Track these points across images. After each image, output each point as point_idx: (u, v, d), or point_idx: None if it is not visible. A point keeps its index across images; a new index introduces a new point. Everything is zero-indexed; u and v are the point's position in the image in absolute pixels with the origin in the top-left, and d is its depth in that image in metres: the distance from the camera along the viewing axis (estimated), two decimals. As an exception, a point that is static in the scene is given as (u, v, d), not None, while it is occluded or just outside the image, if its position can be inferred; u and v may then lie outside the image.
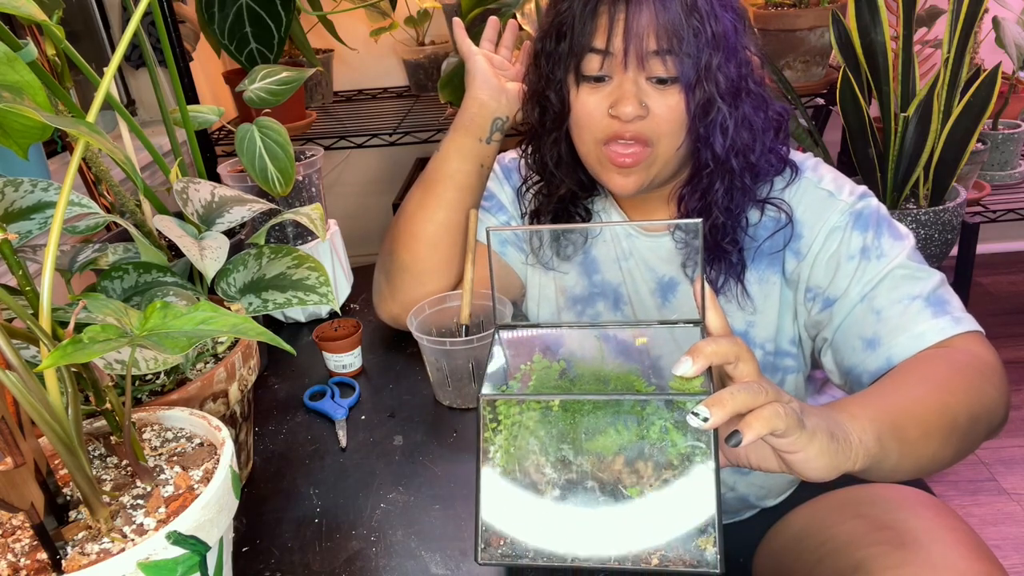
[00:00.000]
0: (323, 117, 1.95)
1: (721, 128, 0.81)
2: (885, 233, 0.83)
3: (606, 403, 0.55)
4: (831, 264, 0.84)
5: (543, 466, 0.55)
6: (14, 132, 0.52)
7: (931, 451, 0.66)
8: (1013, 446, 1.89)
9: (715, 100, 0.80)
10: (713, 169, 0.83)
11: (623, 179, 0.84)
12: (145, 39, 0.91)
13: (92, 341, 0.46)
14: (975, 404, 0.70)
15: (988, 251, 2.60)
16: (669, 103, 0.80)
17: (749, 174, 0.84)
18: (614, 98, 0.81)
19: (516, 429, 0.56)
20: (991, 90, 1.56)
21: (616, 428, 0.55)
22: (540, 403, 0.56)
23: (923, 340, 0.77)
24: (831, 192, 0.86)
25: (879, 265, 0.81)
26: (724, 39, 0.79)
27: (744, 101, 0.82)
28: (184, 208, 0.82)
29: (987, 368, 0.74)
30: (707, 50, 0.78)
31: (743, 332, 0.90)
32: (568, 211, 0.95)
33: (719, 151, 0.81)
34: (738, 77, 0.81)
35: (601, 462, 0.55)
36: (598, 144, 0.84)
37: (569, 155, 0.91)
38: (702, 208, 0.85)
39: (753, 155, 0.83)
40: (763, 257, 0.88)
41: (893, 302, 0.80)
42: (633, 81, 0.80)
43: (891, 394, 0.69)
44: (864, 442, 0.60)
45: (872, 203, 0.85)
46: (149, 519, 0.52)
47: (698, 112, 0.80)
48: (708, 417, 0.52)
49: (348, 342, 1.05)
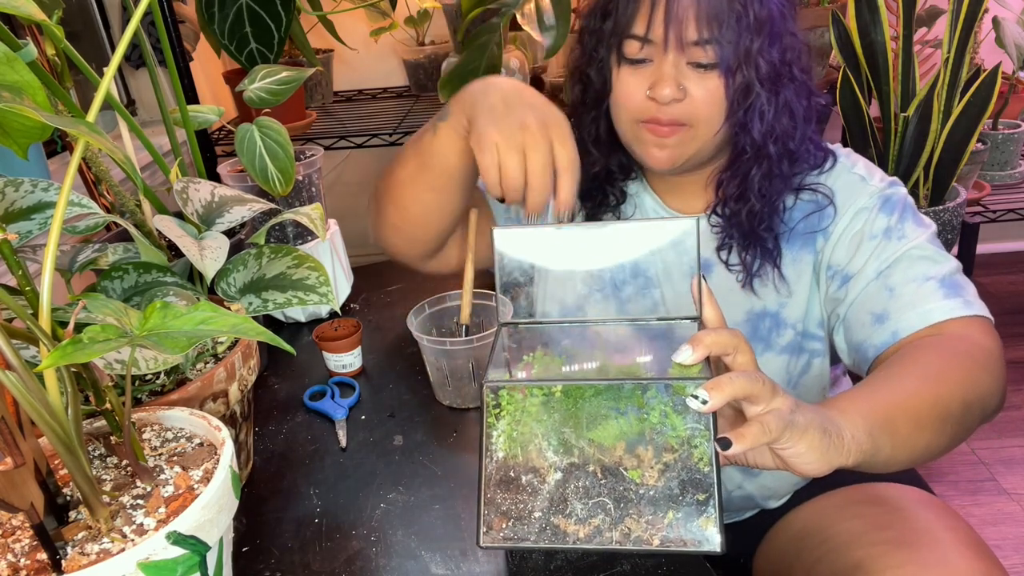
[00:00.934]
0: (323, 117, 1.95)
1: (760, 113, 0.80)
2: (910, 219, 0.84)
3: (607, 388, 0.57)
4: (853, 242, 0.84)
5: (545, 450, 0.57)
6: (14, 132, 0.52)
7: (924, 442, 0.66)
8: (1013, 446, 1.89)
9: (754, 85, 0.79)
10: (751, 155, 0.83)
11: (659, 151, 0.84)
12: (145, 39, 0.91)
13: (92, 341, 0.46)
14: (969, 392, 0.70)
15: (988, 251, 2.60)
16: (708, 87, 0.80)
17: (788, 161, 0.84)
18: (653, 80, 0.80)
19: (519, 415, 0.57)
20: (991, 90, 1.56)
21: (617, 413, 0.56)
22: (543, 389, 0.57)
23: (930, 317, 0.77)
24: (863, 176, 0.87)
25: (899, 245, 0.82)
26: (768, 23, 0.78)
27: (786, 87, 0.82)
28: (184, 208, 0.82)
29: (983, 355, 0.74)
30: (748, 34, 0.77)
31: (775, 312, 0.90)
32: (604, 191, 0.94)
33: (756, 136, 0.81)
34: (781, 63, 0.80)
35: (602, 446, 0.56)
36: (635, 124, 0.84)
37: (607, 134, 0.90)
38: (739, 194, 0.85)
39: (792, 142, 0.83)
40: (797, 238, 0.88)
41: (908, 280, 0.80)
42: (673, 64, 0.79)
43: (882, 388, 0.69)
44: (856, 438, 0.60)
45: (901, 191, 0.86)
46: (149, 519, 0.52)
47: (737, 97, 0.80)
48: (707, 400, 0.53)
49: (348, 342, 1.05)
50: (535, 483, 0.56)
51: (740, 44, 0.78)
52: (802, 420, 0.57)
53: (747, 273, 0.88)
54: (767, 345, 0.91)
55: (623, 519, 0.54)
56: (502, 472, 0.57)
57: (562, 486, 0.56)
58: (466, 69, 1.44)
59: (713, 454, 0.54)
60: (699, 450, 0.55)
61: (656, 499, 0.54)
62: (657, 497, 0.54)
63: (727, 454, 0.54)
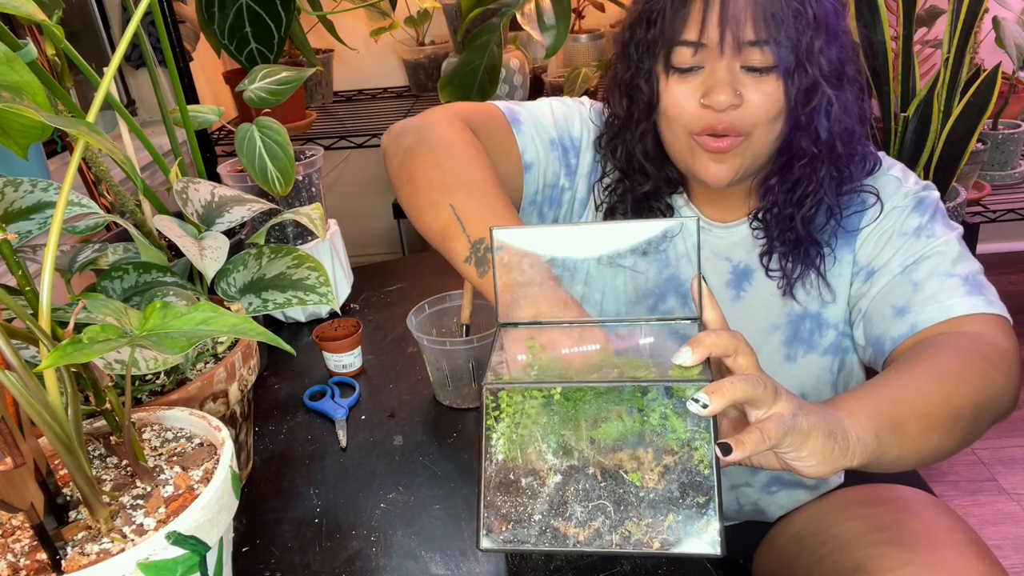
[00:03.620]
0: (323, 117, 1.95)
1: (826, 112, 0.78)
2: (940, 221, 0.83)
3: (607, 390, 0.56)
4: (882, 239, 0.84)
5: (545, 453, 0.57)
6: (14, 132, 0.52)
7: (933, 444, 0.66)
8: (1013, 446, 1.89)
9: (819, 84, 0.76)
10: (816, 155, 0.80)
11: (717, 166, 0.80)
12: (145, 39, 0.91)
13: (92, 341, 0.46)
14: (980, 393, 0.69)
15: (988, 251, 2.60)
16: (766, 90, 0.76)
17: (851, 162, 0.82)
18: (707, 87, 0.77)
19: (518, 417, 0.57)
20: (991, 90, 1.56)
21: (617, 415, 0.56)
22: (542, 391, 0.57)
23: (951, 311, 0.76)
24: (899, 178, 0.86)
25: (927, 243, 0.81)
26: (825, 21, 0.76)
27: (847, 87, 0.79)
28: (184, 208, 0.82)
29: (997, 354, 0.73)
30: (808, 32, 0.74)
31: (816, 313, 0.88)
32: (651, 207, 0.90)
33: (824, 135, 0.78)
34: (839, 61, 0.78)
35: (602, 448, 0.56)
36: (689, 135, 0.80)
37: (656, 149, 0.86)
38: (795, 199, 0.83)
39: (854, 142, 0.81)
40: (839, 236, 0.86)
41: (932, 275, 0.79)
42: (727, 69, 0.76)
43: (892, 387, 0.68)
44: (862, 440, 0.60)
45: (934, 194, 0.85)
46: (149, 519, 0.52)
47: (799, 98, 0.77)
48: (708, 404, 0.53)
49: (348, 342, 1.05)
50: (535, 486, 0.56)
51: (801, 43, 0.74)
52: (805, 425, 0.56)
53: (788, 280, 0.86)
54: (809, 347, 0.89)
55: (623, 522, 0.54)
56: (502, 475, 0.57)
57: (562, 489, 0.56)
58: (466, 69, 1.44)
59: (713, 457, 0.54)
60: (699, 452, 0.55)
61: (656, 502, 0.54)
62: (657, 500, 0.54)
63: (727, 460, 0.54)
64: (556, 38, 1.44)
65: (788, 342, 0.89)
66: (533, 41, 1.86)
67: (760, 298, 0.89)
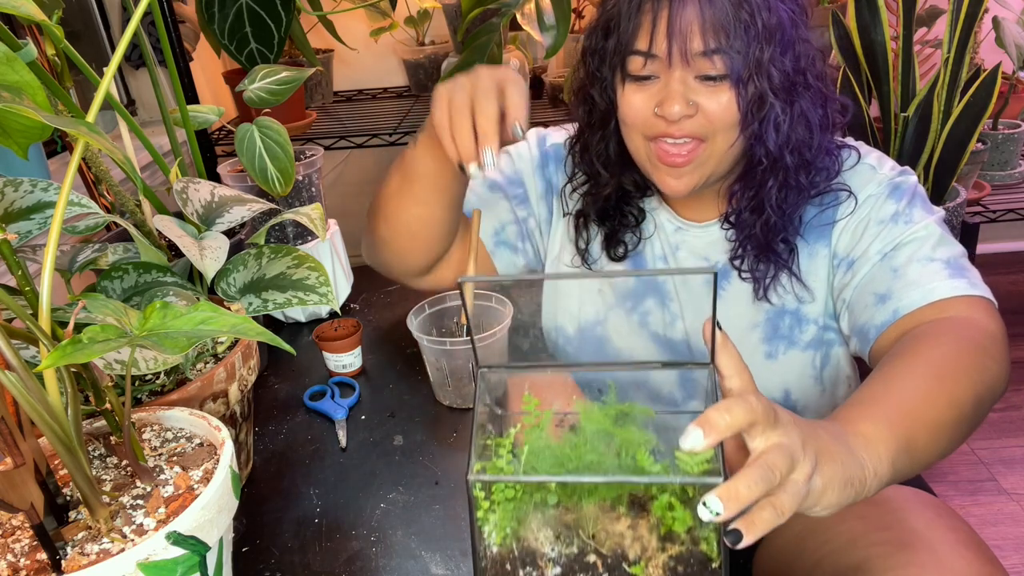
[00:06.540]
0: (323, 117, 1.95)
1: (775, 125, 0.78)
2: (918, 205, 0.83)
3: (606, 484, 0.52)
4: (859, 228, 0.83)
5: (542, 544, 0.53)
6: (14, 132, 0.52)
7: (939, 451, 0.65)
8: (1013, 446, 1.89)
9: (767, 96, 0.77)
10: (767, 166, 0.81)
11: (675, 180, 0.82)
12: (145, 39, 0.91)
13: (92, 341, 0.46)
14: (979, 384, 0.68)
15: (988, 251, 2.60)
16: (720, 100, 0.77)
17: (804, 172, 0.82)
18: (660, 97, 0.78)
19: (510, 507, 0.53)
20: (991, 90, 1.56)
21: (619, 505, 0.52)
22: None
23: (933, 294, 0.76)
24: (873, 166, 0.86)
25: (905, 229, 0.81)
26: (779, 31, 0.76)
27: (801, 96, 0.79)
28: (184, 208, 0.82)
29: (987, 338, 0.73)
30: (758, 44, 0.75)
31: (795, 309, 0.89)
32: (621, 211, 0.92)
33: (772, 148, 0.79)
34: (795, 71, 0.78)
35: (603, 540, 0.52)
36: (647, 141, 0.82)
37: (618, 153, 0.88)
38: (754, 206, 0.83)
39: (809, 152, 0.81)
40: (811, 231, 0.87)
41: (912, 261, 0.79)
42: (680, 80, 0.77)
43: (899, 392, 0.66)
44: (879, 473, 0.57)
45: (911, 179, 0.85)
46: (149, 519, 0.52)
47: (750, 108, 0.77)
48: (720, 512, 0.47)
49: (348, 342, 1.05)
50: None
51: (750, 54, 0.75)
52: (820, 484, 0.53)
53: (760, 284, 0.87)
54: (790, 343, 0.90)
55: None
56: (497, 566, 0.53)
57: None
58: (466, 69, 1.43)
59: (724, 549, 0.50)
60: (707, 543, 0.50)
61: None
62: None
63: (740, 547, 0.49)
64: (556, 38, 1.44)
65: (768, 339, 0.90)
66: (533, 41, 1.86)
67: (737, 297, 0.90)
